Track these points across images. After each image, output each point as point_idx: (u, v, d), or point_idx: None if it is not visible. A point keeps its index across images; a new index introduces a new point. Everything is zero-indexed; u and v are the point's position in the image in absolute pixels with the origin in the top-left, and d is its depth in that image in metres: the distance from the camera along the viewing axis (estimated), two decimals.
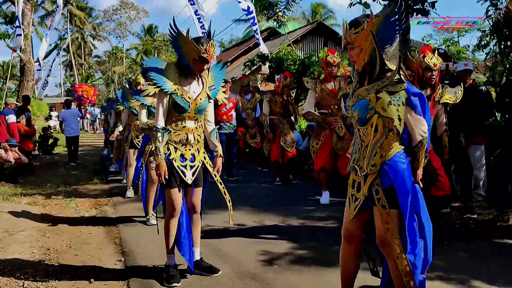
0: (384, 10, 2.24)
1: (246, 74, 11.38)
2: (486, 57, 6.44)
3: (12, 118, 8.53)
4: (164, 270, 3.14)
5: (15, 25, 14.75)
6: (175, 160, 3.00)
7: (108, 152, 9.89)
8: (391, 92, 2.26)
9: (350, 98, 2.42)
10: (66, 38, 38.60)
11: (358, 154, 2.41)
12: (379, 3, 7.34)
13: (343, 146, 5.27)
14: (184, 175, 3.02)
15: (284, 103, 6.76)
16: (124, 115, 6.06)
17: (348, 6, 8.43)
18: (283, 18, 12.52)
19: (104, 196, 6.38)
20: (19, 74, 22.10)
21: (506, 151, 4.95)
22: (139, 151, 5.24)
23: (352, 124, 2.47)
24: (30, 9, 18.49)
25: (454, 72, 5.72)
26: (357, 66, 2.36)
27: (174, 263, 3.16)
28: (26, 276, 3.33)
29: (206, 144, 3.26)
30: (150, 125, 4.11)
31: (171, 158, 3.00)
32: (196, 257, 3.22)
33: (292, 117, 7.11)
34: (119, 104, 6.51)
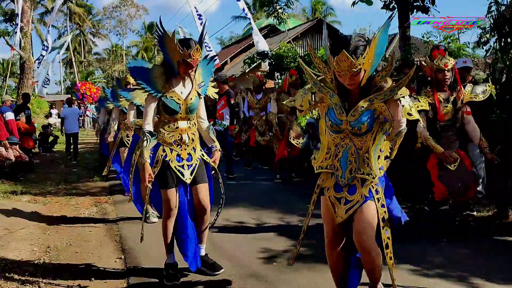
0: (385, 24, 2.16)
1: (247, 71, 11.37)
2: (486, 54, 6.43)
3: (10, 116, 8.42)
4: (164, 269, 3.14)
5: (14, 22, 14.72)
6: (171, 161, 2.98)
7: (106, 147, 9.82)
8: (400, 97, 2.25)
9: (341, 113, 2.28)
10: (67, 36, 38.53)
11: (356, 164, 2.32)
12: (381, 0, 7.33)
13: None
14: (182, 175, 2.99)
15: None
16: (115, 114, 5.99)
17: (351, 5, 8.43)
18: (283, 15, 12.47)
19: (104, 194, 6.39)
20: (19, 72, 22.05)
21: (505, 148, 4.94)
22: (129, 150, 5.10)
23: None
24: (30, 6, 18.45)
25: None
26: (353, 87, 2.21)
27: (174, 261, 3.15)
28: (26, 274, 3.34)
29: (202, 140, 3.23)
30: (139, 124, 4.07)
31: (167, 159, 2.97)
32: (201, 253, 3.18)
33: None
34: (109, 102, 6.50)
